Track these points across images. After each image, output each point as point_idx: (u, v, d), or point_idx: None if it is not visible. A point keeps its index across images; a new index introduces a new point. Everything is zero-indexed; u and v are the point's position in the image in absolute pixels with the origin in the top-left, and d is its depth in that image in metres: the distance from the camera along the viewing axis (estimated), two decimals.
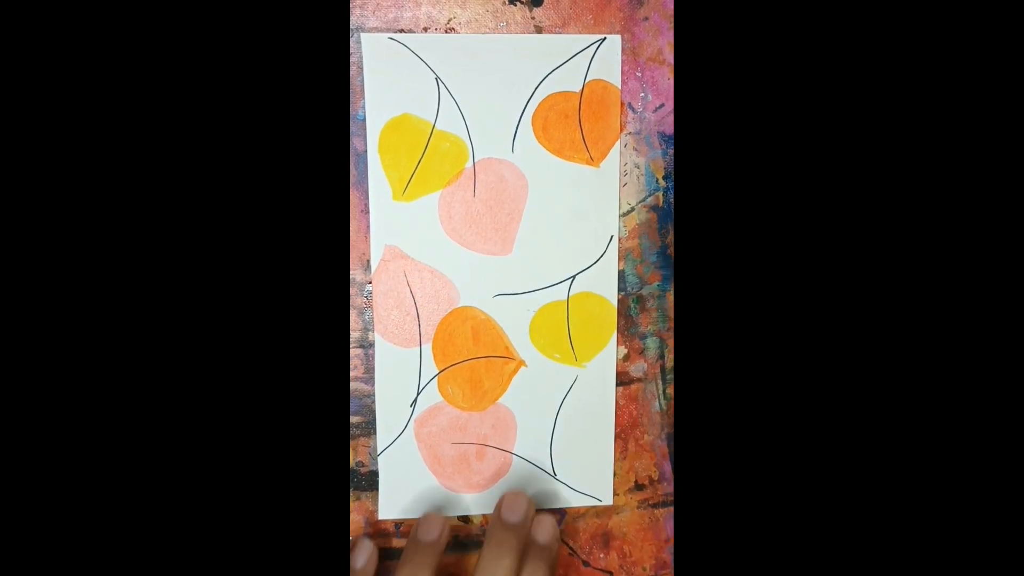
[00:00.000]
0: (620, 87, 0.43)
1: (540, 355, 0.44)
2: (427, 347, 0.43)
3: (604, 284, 0.44)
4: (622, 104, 0.43)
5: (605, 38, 0.42)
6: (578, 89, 0.42)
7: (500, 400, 0.44)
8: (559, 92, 0.42)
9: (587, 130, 0.43)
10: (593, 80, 0.42)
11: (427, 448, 0.44)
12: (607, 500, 0.46)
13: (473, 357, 0.44)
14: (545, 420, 0.45)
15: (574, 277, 0.44)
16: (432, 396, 0.44)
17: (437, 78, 0.41)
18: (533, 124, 0.42)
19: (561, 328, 0.44)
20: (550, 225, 0.43)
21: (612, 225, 0.44)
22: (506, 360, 0.44)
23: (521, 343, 0.44)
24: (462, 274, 0.43)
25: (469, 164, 0.42)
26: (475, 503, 0.45)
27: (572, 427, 0.45)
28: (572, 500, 0.45)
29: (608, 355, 0.45)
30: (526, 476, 0.45)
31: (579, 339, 0.44)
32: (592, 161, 0.43)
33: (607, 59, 0.42)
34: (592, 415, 0.45)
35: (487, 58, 0.42)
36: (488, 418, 0.44)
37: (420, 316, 0.43)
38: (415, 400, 0.44)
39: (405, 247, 0.43)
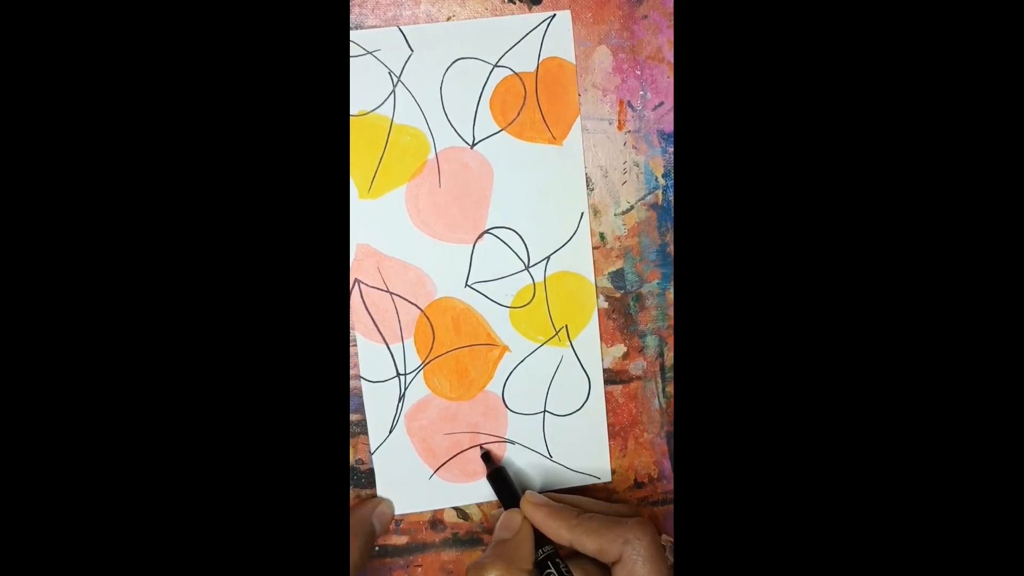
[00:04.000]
0: (575, 63, 0.42)
1: (523, 338, 0.44)
2: (409, 341, 0.43)
3: (579, 261, 0.44)
4: (611, 92, 0.43)
5: (555, 15, 0.42)
6: (533, 69, 0.42)
7: (487, 387, 0.44)
8: (514, 74, 0.42)
9: (546, 109, 0.43)
10: (547, 58, 0.42)
11: (420, 441, 0.44)
12: (606, 477, 0.45)
13: (456, 347, 0.44)
14: (535, 403, 0.45)
15: (548, 257, 0.44)
16: (420, 389, 0.44)
17: (390, 72, 0.41)
18: (491, 108, 0.42)
19: (541, 309, 0.44)
20: (519, 208, 0.43)
21: (581, 202, 0.43)
22: (490, 347, 0.44)
23: (503, 328, 0.44)
24: (436, 265, 0.43)
25: (431, 155, 0.42)
26: (474, 492, 0.45)
27: (563, 407, 0.45)
28: (571, 480, 0.45)
29: (591, 331, 0.44)
30: (522, 461, 0.45)
31: (560, 318, 0.44)
32: (554, 140, 0.43)
33: (559, 35, 0.42)
34: (582, 393, 0.45)
35: (439, 47, 0.41)
36: (478, 406, 0.44)
37: (399, 311, 0.43)
38: (403, 395, 0.44)
39: (376, 244, 0.43)
